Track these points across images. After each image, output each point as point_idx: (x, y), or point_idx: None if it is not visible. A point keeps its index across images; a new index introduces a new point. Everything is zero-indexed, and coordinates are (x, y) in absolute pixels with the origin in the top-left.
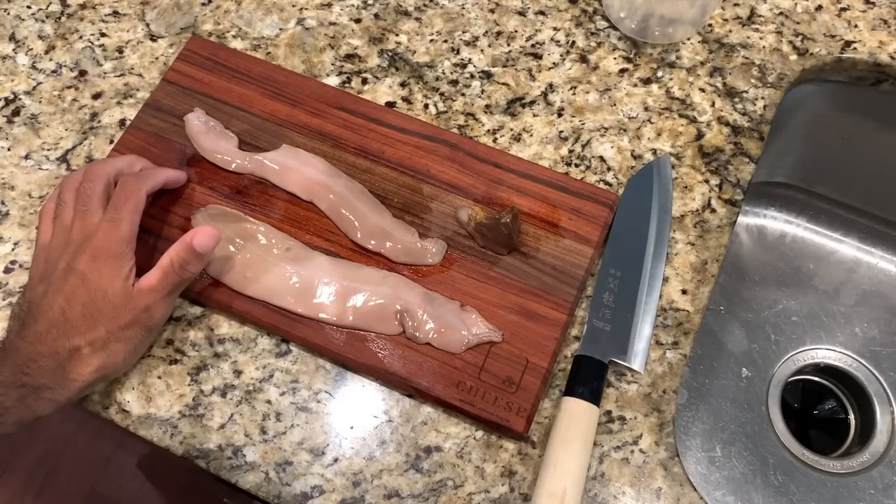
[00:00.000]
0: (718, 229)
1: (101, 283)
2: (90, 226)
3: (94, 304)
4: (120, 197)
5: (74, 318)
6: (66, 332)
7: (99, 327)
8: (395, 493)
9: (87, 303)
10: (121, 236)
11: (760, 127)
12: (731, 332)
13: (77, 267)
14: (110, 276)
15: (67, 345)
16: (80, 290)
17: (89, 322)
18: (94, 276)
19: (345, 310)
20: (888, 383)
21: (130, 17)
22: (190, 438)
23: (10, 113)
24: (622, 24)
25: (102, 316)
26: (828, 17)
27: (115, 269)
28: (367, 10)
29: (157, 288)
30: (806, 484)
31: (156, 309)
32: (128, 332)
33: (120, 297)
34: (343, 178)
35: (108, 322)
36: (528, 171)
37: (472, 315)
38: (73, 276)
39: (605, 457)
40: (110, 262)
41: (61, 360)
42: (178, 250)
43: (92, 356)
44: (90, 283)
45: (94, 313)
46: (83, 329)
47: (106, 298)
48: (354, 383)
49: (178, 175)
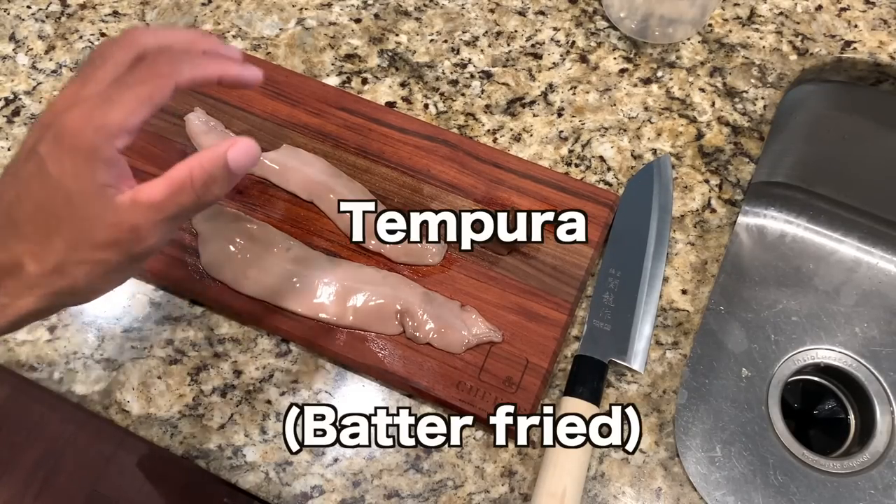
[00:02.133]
0: (718, 229)
1: (63, 179)
2: (81, 97)
3: (51, 206)
4: (134, 74)
5: (22, 220)
6: (9, 237)
7: (55, 240)
8: (395, 493)
9: (42, 203)
10: (104, 123)
11: (760, 127)
12: (731, 332)
13: (38, 149)
14: (75, 172)
15: (6, 257)
16: (35, 183)
17: (41, 229)
18: (54, 166)
19: (345, 310)
20: (888, 383)
21: (130, 18)
22: (190, 438)
23: (10, 113)
24: (622, 24)
25: (62, 225)
26: (828, 17)
27: (85, 163)
28: (367, 10)
29: (160, 205)
30: (806, 484)
31: (149, 233)
32: (98, 254)
33: (90, 203)
34: (343, 178)
35: (69, 235)
36: (528, 171)
37: (473, 315)
38: (32, 162)
39: (605, 457)
40: (78, 154)
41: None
42: (205, 162)
43: (38, 277)
44: (48, 175)
45: (49, 219)
46: (32, 237)
47: (69, 201)
48: (354, 383)
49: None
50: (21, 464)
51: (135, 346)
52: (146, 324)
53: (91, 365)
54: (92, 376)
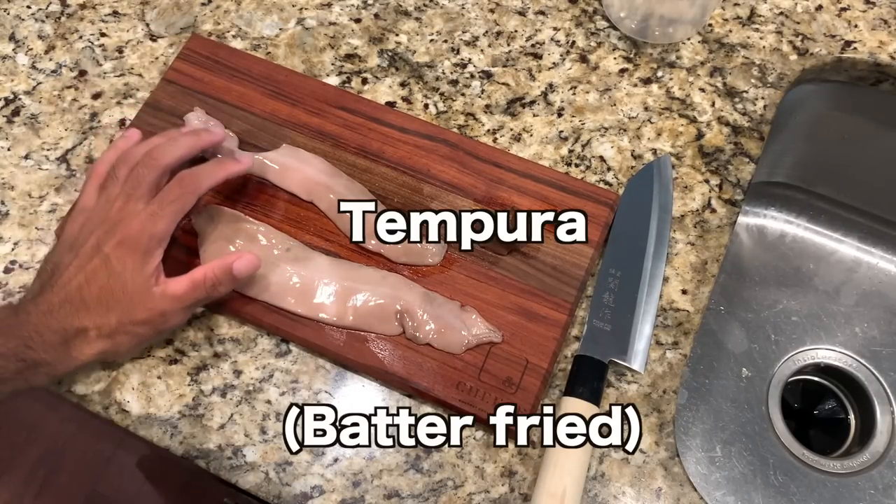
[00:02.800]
0: (718, 229)
1: (123, 273)
2: (130, 211)
3: (111, 291)
4: (169, 194)
5: (90, 299)
6: (79, 310)
7: (111, 315)
8: (395, 493)
9: (104, 287)
10: (154, 232)
11: (760, 127)
12: (731, 332)
13: (104, 249)
14: (133, 268)
15: (77, 324)
16: (102, 273)
17: (103, 307)
18: (118, 263)
19: (345, 310)
20: (888, 383)
21: (130, 17)
22: (190, 438)
23: (10, 113)
24: (622, 24)
25: (117, 305)
26: (828, 17)
27: (140, 262)
28: (367, 10)
29: (182, 297)
30: (806, 484)
31: (173, 316)
32: (137, 329)
33: (139, 292)
34: (343, 178)
35: (121, 313)
36: (528, 170)
37: (472, 315)
38: (98, 258)
39: (605, 457)
40: (136, 255)
41: (67, 336)
42: (216, 268)
43: (97, 340)
44: (112, 269)
45: (109, 300)
46: (95, 312)
47: (125, 289)
48: (354, 383)
49: (242, 167)
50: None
51: None
52: None
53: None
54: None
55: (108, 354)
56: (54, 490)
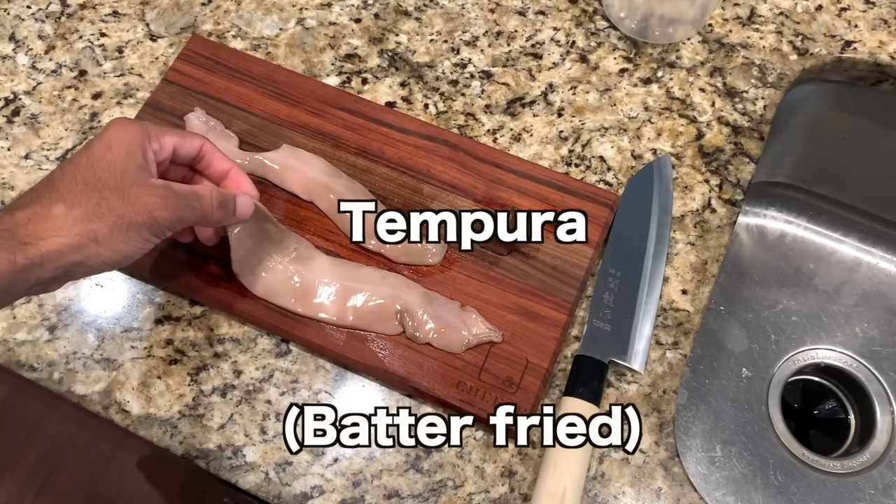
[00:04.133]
0: (718, 229)
1: (107, 156)
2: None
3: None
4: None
5: (59, 180)
6: (41, 195)
7: (90, 192)
8: (395, 493)
9: (82, 166)
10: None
11: (760, 127)
12: (731, 332)
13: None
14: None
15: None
16: (81, 156)
17: (77, 184)
18: (101, 146)
19: (345, 310)
20: (888, 383)
21: (130, 17)
22: (190, 438)
23: (10, 113)
24: (622, 24)
25: (100, 183)
26: (828, 17)
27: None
28: (367, 10)
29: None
30: (806, 484)
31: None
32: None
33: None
34: (343, 178)
35: (106, 191)
36: (528, 171)
37: (473, 315)
38: (83, 148)
39: (605, 457)
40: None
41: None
42: (223, 191)
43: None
44: (93, 151)
45: (88, 177)
46: (65, 189)
47: (111, 170)
48: (354, 383)
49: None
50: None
51: (135, 346)
52: (146, 324)
53: (91, 365)
54: (92, 376)
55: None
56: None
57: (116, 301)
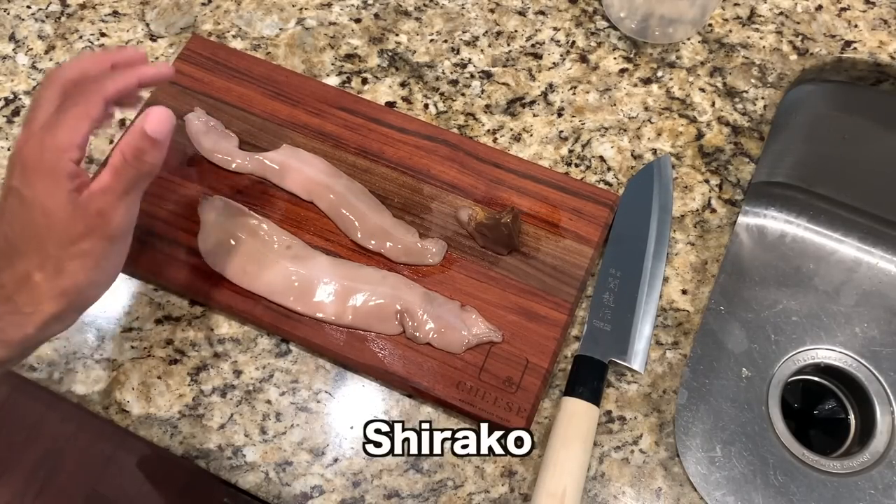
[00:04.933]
0: (718, 229)
1: (38, 198)
2: (28, 135)
3: (34, 223)
4: (68, 101)
5: (18, 242)
6: (11, 258)
7: (47, 247)
8: (395, 493)
9: (27, 223)
10: (55, 143)
11: (760, 127)
12: (731, 332)
13: (12, 184)
14: (45, 190)
15: (13, 275)
16: (19, 210)
17: (35, 243)
18: (28, 191)
19: (345, 309)
20: (888, 383)
21: (130, 17)
22: (190, 438)
23: (9, 113)
24: (622, 24)
25: (49, 233)
26: (828, 17)
27: (50, 182)
28: (367, 10)
29: (110, 187)
30: (806, 484)
31: (112, 212)
32: (83, 245)
33: (65, 209)
34: (343, 178)
35: (56, 239)
36: (528, 171)
37: (473, 315)
38: (11, 196)
39: (605, 457)
40: (42, 175)
41: (8, 293)
42: (129, 140)
43: (46, 283)
44: (24, 199)
45: (38, 233)
46: (28, 251)
47: (47, 214)
48: (354, 383)
49: (159, 72)
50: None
51: (135, 346)
52: (146, 324)
53: (91, 365)
54: (92, 376)
55: (70, 294)
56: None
57: (116, 301)
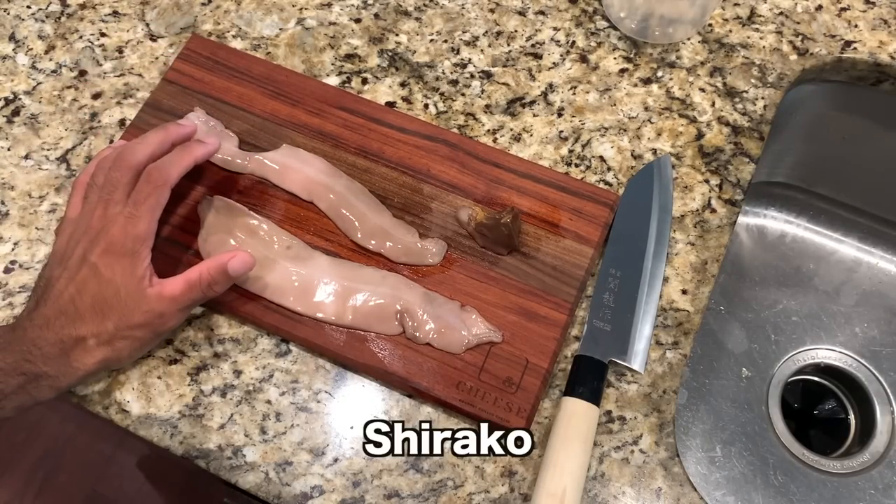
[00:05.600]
0: (718, 229)
1: (113, 279)
2: (110, 216)
3: (104, 298)
4: (141, 192)
5: (83, 309)
6: (74, 320)
7: (107, 322)
8: (395, 493)
9: (97, 295)
10: (136, 234)
11: (760, 127)
12: (731, 332)
13: (90, 258)
14: (122, 273)
15: (73, 333)
16: (92, 282)
17: (98, 315)
18: (107, 270)
19: (345, 310)
20: (888, 383)
21: (130, 17)
22: (190, 438)
23: (10, 113)
24: (622, 24)
25: (112, 311)
26: (828, 17)
27: (128, 266)
28: (367, 10)
29: (178, 299)
30: (806, 484)
31: (170, 317)
32: (136, 332)
33: (133, 296)
34: (343, 178)
35: (117, 318)
36: (528, 171)
37: (472, 315)
38: (86, 267)
39: (605, 457)
40: (123, 259)
41: (66, 347)
42: (211, 268)
43: (97, 348)
44: (102, 277)
45: (103, 307)
46: (91, 320)
47: (118, 295)
48: (354, 383)
49: (208, 150)
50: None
51: None
52: None
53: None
54: None
55: (110, 362)
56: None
57: None
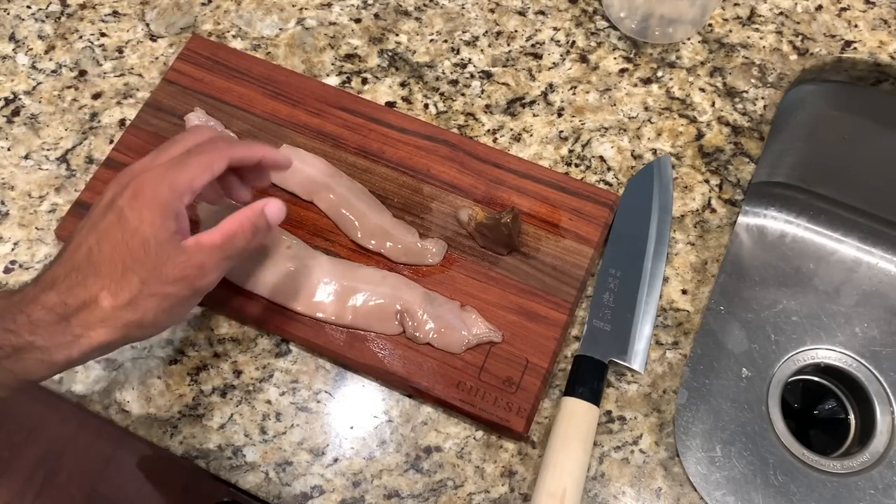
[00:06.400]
0: (718, 229)
1: (141, 227)
2: (148, 166)
3: (128, 250)
4: (199, 148)
5: (100, 262)
6: (86, 277)
7: (130, 276)
8: (395, 493)
9: (119, 246)
10: (175, 182)
11: (760, 127)
12: (731, 332)
13: (118, 202)
14: (152, 221)
15: (82, 294)
16: (115, 230)
17: (120, 269)
18: (134, 217)
19: (344, 309)
20: (888, 383)
21: (130, 17)
22: (190, 438)
23: (10, 113)
24: (622, 23)
25: (137, 265)
26: (828, 17)
27: (159, 216)
28: (367, 10)
29: (219, 246)
30: (806, 484)
31: (210, 269)
32: (168, 288)
33: (164, 247)
34: (343, 178)
35: (145, 272)
36: (528, 171)
37: (473, 315)
38: (112, 213)
39: (605, 457)
40: (153, 207)
41: (67, 311)
42: (249, 214)
43: (112, 310)
44: (127, 225)
45: (126, 259)
46: (108, 274)
47: (145, 246)
48: (354, 383)
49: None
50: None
51: (135, 346)
52: None
53: (91, 365)
54: (92, 376)
55: (130, 327)
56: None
57: None
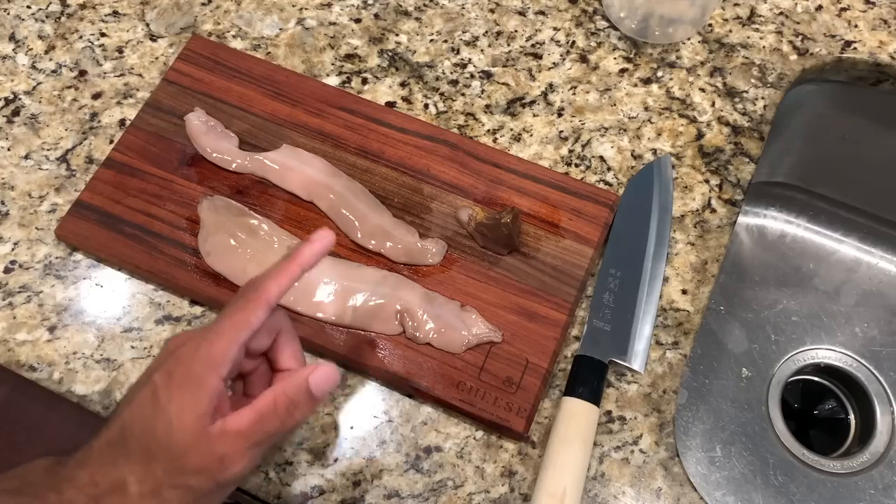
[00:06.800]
0: (718, 229)
1: (169, 409)
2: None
3: (154, 431)
4: (232, 306)
5: (132, 441)
6: (117, 457)
7: (155, 464)
8: (395, 493)
9: (148, 426)
10: (208, 355)
11: (760, 127)
12: (731, 332)
13: (154, 378)
14: (180, 403)
15: (112, 474)
16: (147, 408)
17: (146, 454)
18: (164, 396)
19: (344, 309)
20: (888, 383)
21: (130, 17)
22: None
23: (10, 113)
24: (622, 23)
25: (161, 451)
26: (828, 17)
27: (189, 396)
28: (367, 10)
29: (246, 433)
30: (806, 484)
31: (234, 461)
32: (190, 481)
33: (188, 433)
34: (343, 178)
35: (166, 461)
36: (528, 171)
37: (472, 315)
38: (147, 388)
39: (605, 457)
40: (185, 386)
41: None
42: (287, 389)
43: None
44: (158, 402)
45: (151, 443)
46: (137, 459)
47: (169, 429)
48: (354, 383)
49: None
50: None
51: (135, 346)
52: (146, 324)
53: (91, 365)
54: (92, 376)
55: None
56: None
57: (116, 301)
